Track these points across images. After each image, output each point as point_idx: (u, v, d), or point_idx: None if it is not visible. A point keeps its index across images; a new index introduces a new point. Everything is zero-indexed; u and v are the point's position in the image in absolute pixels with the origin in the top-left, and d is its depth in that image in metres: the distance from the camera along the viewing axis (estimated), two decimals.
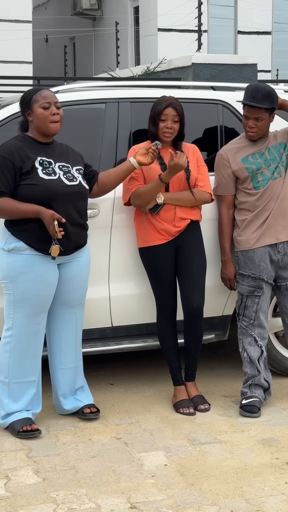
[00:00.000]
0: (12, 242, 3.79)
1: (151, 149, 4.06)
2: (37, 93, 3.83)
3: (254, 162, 4.30)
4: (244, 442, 3.84)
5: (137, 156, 4.08)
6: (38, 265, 3.81)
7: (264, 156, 4.32)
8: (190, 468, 3.54)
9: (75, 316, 4.04)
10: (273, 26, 16.11)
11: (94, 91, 4.65)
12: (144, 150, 4.08)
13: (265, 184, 4.29)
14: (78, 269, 3.98)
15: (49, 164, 3.82)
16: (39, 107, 3.80)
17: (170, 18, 14.72)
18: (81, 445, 3.79)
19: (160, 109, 4.16)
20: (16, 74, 11.67)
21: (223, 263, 4.42)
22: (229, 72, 9.43)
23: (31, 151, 3.80)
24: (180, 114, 4.18)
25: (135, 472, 3.49)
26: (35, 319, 3.88)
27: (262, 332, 4.32)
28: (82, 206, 3.95)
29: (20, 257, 3.79)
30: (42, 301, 3.87)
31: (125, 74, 11.56)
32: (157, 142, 4.08)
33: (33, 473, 3.48)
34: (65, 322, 4.02)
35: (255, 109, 4.21)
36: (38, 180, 3.76)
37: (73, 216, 3.87)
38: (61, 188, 3.81)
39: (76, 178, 3.90)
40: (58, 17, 19.46)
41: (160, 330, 4.35)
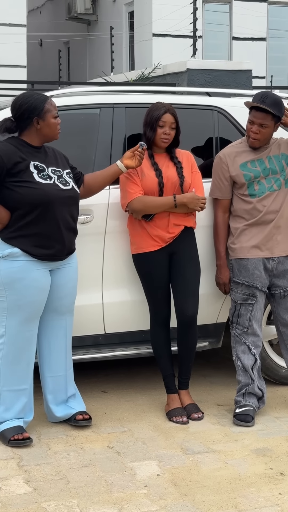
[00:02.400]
0: (5, 249, 3.75)
1: (137, 151, 4.04)
2: (48, 102, 3.81)
3: (253, 169, 4.27)
4: (238, 452, 3.80)
5: (124, 160, 4.07)
6: (33, 271, 3.77)
7: (264, 164, 4.28)
8: (183, 478, 3.50)
9: (65, 323, 4.01)
10: (267, 32, 16.14)
11: (88, 96, 4.62)
12: (130, 153, 4.07)
13: (261, 193, 4.26)
14: (68, 276, 3.95)
15: (43, 169, 3.80)
16: (52, 117, 3.80)
17: (165, 24, 14.73)
18: (73, 454, 3.75)
19: (159, 114, 4.14)
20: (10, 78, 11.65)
21: (218, 268, 4.39)
22: (224, 78, 9.41)
23: (26, 154, 3.77)
24: (177, 120, 4.16)
25: (128, 482, 3.44)
26: (28, 326, 3.84)
27: (255, 340, 4.28)
28: (75, 211, 3.94)
29: (15, 263, 3.75)
30: (36, 307, 3.84)
31: (119, 79, 11.54)
32: (142, 143, 4.06)
33: (24, 482, 3.43)
34: (55, 329, 3.98)
35: (262, 115, 4.17)
36: (35, 183, 3.73)
37: (68, 220, 3.85)
38: (57, 193, 3.78)
39: (69, 183, 3.88)
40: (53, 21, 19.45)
41: (153, 338, 4.32)
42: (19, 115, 3.81)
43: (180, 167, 4.19)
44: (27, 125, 3.81)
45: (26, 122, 3.81)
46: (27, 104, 3.79)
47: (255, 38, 15.87)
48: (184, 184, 4.17)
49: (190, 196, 4.12)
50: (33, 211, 3.72)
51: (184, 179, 4.17)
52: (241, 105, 4.54)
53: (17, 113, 3.81)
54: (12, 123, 3.84)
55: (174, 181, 4.16)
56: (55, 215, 3.76)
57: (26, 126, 3.82)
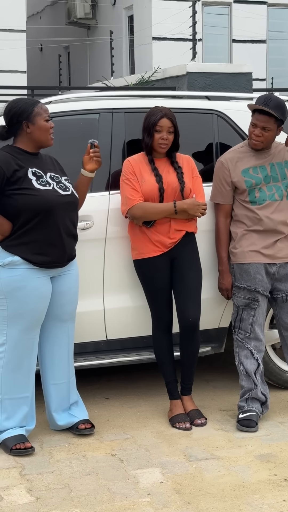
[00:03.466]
0: (6, 257, 3.73)
1: (91, 152, 4.01)
2: (38, 105, 3.79)
3: (254, 176, 4.24)
4: (242, 458, 3.77)
5: (86, 166, 4.04)
6: (34, 279, 3.75)
7: (266, 171, 4.25)
8: (186, 486, 3.47)
9: (67, 330, 3.98)
10: (267, 35, 16.11)
11: (87, 101, 4.60)
12: (87, 157, 4.04)
13: (262, 201, 4.23)
14: (70, 283, 3.93)
15: (41, 175, 3.78)
16: (43, 120, 3.77)
17: (164, 27, 14.70)
18: (75, 462, 3.72)
19: (155, 119, 4.11)
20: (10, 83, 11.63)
21: (220, 273, 4.36)
22: (224, 80, 9.38)
23: (23, 161, 3.75)
24: (174, 124, 4.13)
25: (130, 490, 3.42)
26: (29, 334, 3.81)
27: (258, 345, 4.25)
28: (75, 216, 3.92)
29: (16, 271, 3.73)
30: (37, 315, 3.81)
31: (119, 83, 11.52)
32: (90, 140, 4.04)
33: (26, 492, 3.40)
34: (58, 337, 3.95)
35: (265, 118, 4.14)
36: (35, 190, 3.71)
37: (68, 226, 3.83)
38: (57, 198, 3.76)
39: (68, 188, 3.86)
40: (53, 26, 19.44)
41: (155, 343, 4.29)
42: (9, 120, 3.80)
43: (180, 172, 4.16)
44: (17, 130, 3.79)
45: (16, 126, 3.79)
46: (16, 108, 3.78)
47: (255, 40, 15.84)
48: (185, 189, 4.14)
49: (190, 202, 4.09)
50: (34, 219, 3.70)
51: (184, 185, 4.14)
52: (241, 109, 4.53)
53: (7, 118, 3.80)
54: (3, 129, 3.83)
55: (174, 186, 4.13)
56: (56, 221, 3.74)
57: (17, 130, 3.80)
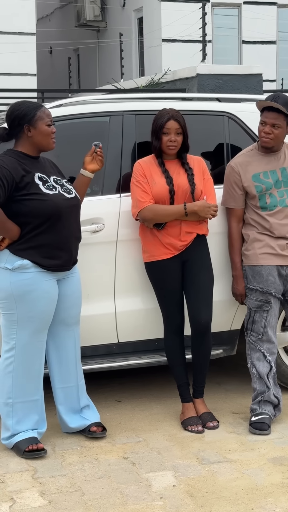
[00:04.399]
0: (15, 261, 3.73)
1: (95, 153, 4.01)
2: (40, 110, 3.78)
3: (265, 181, 4.22)
4: (254, 461, 3.75)
5: (87, 166, 4.04)
6: (43, 282, 3.75)
7: (276, 176, 4.24)
8: (199, 489, 3.45)
9: (73, 334, 3.98)
10: (277, 36, 16.09)
11: (98, 104, 4.60)
12: (89, 157, 4.05)
13: (272, 207, 4.21)
14: (74, 286, 3.93)
15: (46, 179, 3.78)
16: (45, 125, 3.77)
17: (174, 29, 14.71)
18: (88, 465, 3.72)
19: (162, 122, 4.11)
20: (20, 86, 11.67)
21: (234, 278, 4.34)
22: (234, 82, 9.37)
23: (28, 166, 3.75)
24: (182, 126, 4.12)
25: (143, 494, 3.41)
26: (38, 337, 3.82)
27: (270, 347, 4.24)
28: (79, 218, 3.93)
29: (25, 275, 3.73)
30: (46, 318, 3.82)
31: (129, 86, 11.53)
32: (95, 142, 4.04)
33: (39, 495, 3.40)
34: (64, 341, 3.95)
35: (274, 115, 4.13)
36: (43, 195, 3.71)
37: (74, 229, 3.85)
38: (64, 202, 3.77)
39: (72, 191, 3.86)
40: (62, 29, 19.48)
41: (167, 346, 4.28)
42: (10, 122, 3.79)
43: (191, 174, 4.15)
44: (18, 133, 3.78)
45: (17, 129, 3.78)
46: (18, 111, 3.77)
47: (265, 41, 15.83)
48: (195, 191, 4.13)
49: (201, 204, 4.08)
50: (43, 224, 3.70)
51: (195, 187, 4.13)
52: (252, 111, 4.51)
53: (9, 120, 3.80)
54: (4, 131, 3.82)
55: (185, 188, 4.12)
56: (64, 225, 3.75)
57: (18, 133, 3.79)
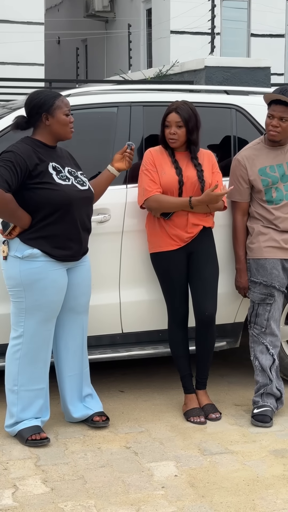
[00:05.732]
0: (25, 250, 3.75)
1: (126, 152, 4.02)
2: (59, 99, 3.80)
3: (271, 175, 4.22)
4: (256, 453, 3.77)
5: (115, 163, 4.07)
6: (52, 271, 3.78)
7: (283, 170, 4.24)
8: (200, 479, 3.48)
9: (82, 322, 4.01)
10: (286, 29, 16.03)
11: (106, 95, 4.61)
12: (119, 155, 4.07)
13: (278, 200, 4.22)
14: (83, 274, 3.95)
15: (60, 170, 3.79)
16: (63, 114, 3.78)
17: (183, 21, 14.67)
18: (90, 454, 3.74)
19: (164, 115, 4.13)
20: (28, 76, 11.65)
21: (237, 271, 4.35)
22: (242, 75, 9.35)
23: (43, 155, 3.76)
24: (184, 119, 4.10)
25: (145, 483, 3.43)
26: (46, 326, 3.84)
27: (274, 340, 4.25)
28: (91, 211, 3.95)
29: (35, 264, 3.75)
30: (55, 307, 3.84)
31: (137, 77, 11.52)
32: (129, 143, 4.05)
33: (41, 482, 3.43)
34: (72, 329, 3.98)
35: (282, 108, 4.13)
36: (56, 185, 3.73)
37: (84, 221, 3.86)
38: (76, 193, 3.78)
39: (85, 183, 3.87)
40: (71, 19, 19.45)
41: (171, 337, 4.30)
42: (29, 110, 3.81)
43: (200, 170, 4.14)
44: (37, 121, 3.80)
45: (35, 118, 3.79)
46: (37, 99, 3.79)
47: (274, 34, 15.77)
48: (205, 188, 4.13)
49: (205, 197, 4.01)
50: (54, 213, 3.72)
51: (204, 184, 4.13)
52: (259, 103, 4.51)
53: (27, 108, 3.82)
54: (23, 119, 3.84)
55: (193, 181, 4.13)
56: (74, 216, 3.77)
57: (36, 122, 3.80)
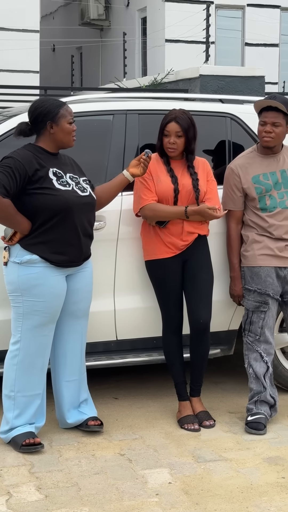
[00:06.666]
0: (24, 255, 3.77)
1: (142, 158, 4.04)
2: (63, 107, 3.83)
3: (265, 183, 4.25)
4: (250, 460, 3.78)
5: (130, 169, 4.09)
6: (50, 277, 3.79)
7: (276, 177, 4.27)
8: (194, 487, 3.48)
9: (81, 327, 4.02)
10: (280, 38, 16.13)
11: (101, 103, 4.63)
12: (135, 161, 4.08)
13: (272, 208, 4.24)
14: (84, 280, 3.97)
15: (61, 175, 3.81)
16: (67, 123, 3.82)
17: (177, 30, 14.73)
18: (84, 461, 3.74)
19: (163, 124, 4.16)
20: (23, 83, 11.70)
21: (232, 280, 4.37)
22: (237, 84, 9.41)
23: (44, 161, 3.79)
24: (184, 128, 4.13)
25: (139, 490, 3.43)
26: (43, 331, 3.85)
27: (268, 348, 4.26)
28: (92, 217, 3.97)
29: (33, 269, 3.77)
30: (52, 313, 3.85)
31: (132, 85, 11.56)
32: (147, 150, 4.06)
33: (35, 489, 3.43)
34: (71, 334, 3.99)
35: (273, 113, 4.17)
36: (55, 190, 3.75)
37: (85, 226, 3.88)
38: (76, 199, 3.81)
39: (86, 189, 3.90)
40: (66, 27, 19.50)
41: (165, 345, 4.30)
42: (33, 118, 3.84)
43: (195, 179, 4.17)
44: (41, 129, 3.83)
45: (40, 126, 3.83)
46: (42, 107, 3.82)
47: (268, 44, 15.86)
48: (200, 197, 4.15)
49: (200, 210, 4.06)
50: (53, 218, 3.74)
51: (199, 192, 4.15)
52: (254, 112, 4.53)
53: (32, 116, 3.85)
54: (27, 126, 3.87)
55: (188, 189, 4.15)
56: (74, 221, 3.79)
57: (40, 130, 3.84)
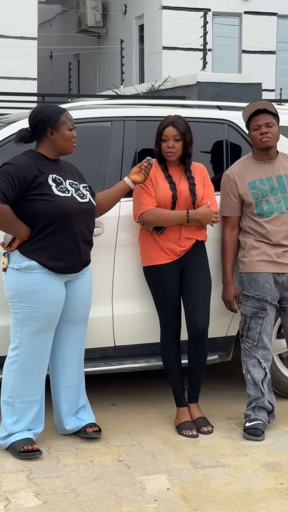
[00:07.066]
0: (23, 261, 3.77)
1: (143, 165, 4.05)
2: (64, 114, 3.85)
3: (261, 188, 4.26)
4: (248, 466, 3.78)
5: (131, 176, 4.09)
6: (49, 283, 3.79)
7: (272, 183, 4.28)
8: (193, 493, 3.48)
9: (79, 333, 4.02)
10: (277, 46, 16.20)
11: (99, 109, 4.64)
12: (137, 168, 4.09)
13: (269, 213, 4.25)
14: (83, 286, 3.97)
15: (61, 182, 3.82)
16: (67, 129, 3.83)
17: (175, 37, 14.79)
18: (83, 467, 3.74)
19: (161, 128, 4.18)
20: (20, 90, 11.73)
21: (224, 285, 4.38)
22: (234, 91, 9.44)
23: (43, 167, 3.80)
24: (181, 132, 4.15)
25: (137, 496, 3.43)
26: (42, 338, 3.85)
27: (266, 354, 4.27)
28: (92, 223, 3.97)
29: (32, 275, 3.77)
30: (50, 319, 3.85)
31: (129, 92, 11.59)
32: (148, 158, 4.07)
33: (34, 495, 3.42)
34: (70, 340, 3.99)
35: (263, 115, 4.22)
36: (54, 196, 3.76)
37: (84, 233, 3.88)
38: (75, 205, 3.81)
39: (86, 196, 3.90)
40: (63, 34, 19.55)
41: (163, 351, 4.31)
42: (34, 124, 3.85)
43: (192, 183, 4.19)
44: (41, 135, 3.84)
45: (40, 132, 3.84)
46: (43, 114, 3.83)
47: (265, 51, 15.93)
48: (196, 201, 4.17)
49: (203, 212, 4.12)
50: (51, 224, 3.75)
51: (196, 197, 4.17)
52: None
53: (32, 122, 3.86)
54: (27, 133, 3.88)
55: (186, 194, 4.16)
56: (73, 228, 3.79)
57: (40, 136, 3.85)
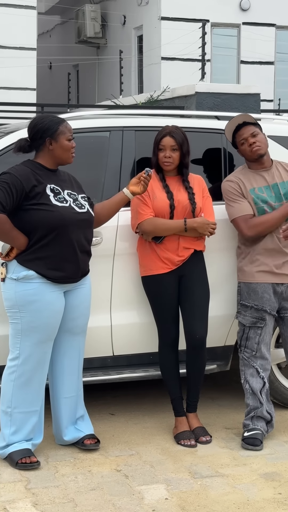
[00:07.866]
0: (21, 271, 3.78)
1: (142, 176, 4.07)
2: (63, 124, 3.86)
3: (261, 195, 4.28)
4: (246, 476, 3.77)
5: (130, 186, 4.10)
6: (47, 293, 3.79)
7: (270, 191, 4.29)
8: (191, 503, 3.47)
9: (78, 343, 4.02)
10: (275, 56, 16.25)
11: (98, 119, 4.66)
12: (136, 179, 4.10)
13: None
14: (82, 296, 3.97)
15: (59, 192, 3.83)
16: (66, 139, 3.84)
17: (173, 47, 14.84)
18: (81, 477, 3.73)
19: (158, 139, 4.19)
20: (20, 100, 11.74)
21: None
22: (232, 101, 9.45)
23: (42, 177, 3.82)
24: (179, 142, 4.17)
25: (135, 506, 3.42)
26: (42, 348, 3.85)
27: (264, 364, 4.27)
28: (90, 234, 3.98)
29: (30, 285, 3.77)
30: (50, 329, 3.85)
31: (128, 102, 11.61)
32: (147, 169, 4.08)
33: (32, 505, 3.42)
34: (69, 350, 3.99)
35: (245, 128, 4.28)
36: (52, 206, 3.77)
37: (83, 243, 3.89)
38: (73, 215, 3.82)
39: (84, 206, 3.91)
40: (62, 45, 19.62)
41: (162, 360, 4.31)
42: (33, 134, 3.87)
43: (191, 193, 4.20)
44: (40, 145, 3.86)
45: (39, 142, 3.85)
46: (42, 124, 3.85)
47: (263, 62, 15.97)
48: (196, 210, 4.19)
49: (201, 221, 4.14)
50: (49, 234, 3.76)
51: (196, 206, 4.18)
52: None
53: (31, 132, 3.87)
54: (26, 143, 3.90)
55: (184, 204, 4.18)
56: (70, 238, 3.80)
57: (39, 146, 3.86)
